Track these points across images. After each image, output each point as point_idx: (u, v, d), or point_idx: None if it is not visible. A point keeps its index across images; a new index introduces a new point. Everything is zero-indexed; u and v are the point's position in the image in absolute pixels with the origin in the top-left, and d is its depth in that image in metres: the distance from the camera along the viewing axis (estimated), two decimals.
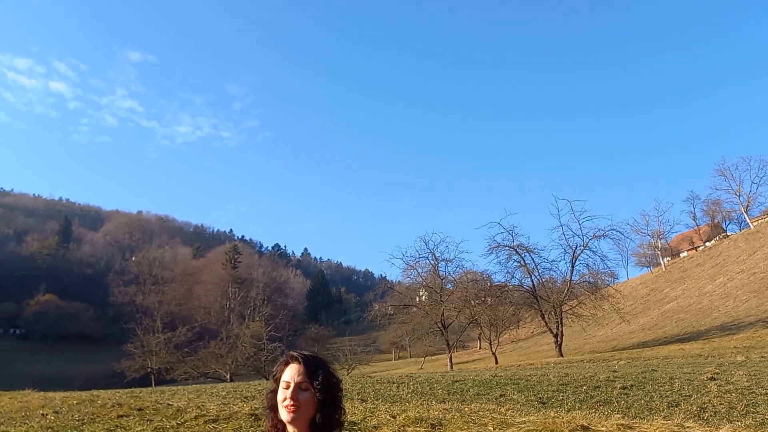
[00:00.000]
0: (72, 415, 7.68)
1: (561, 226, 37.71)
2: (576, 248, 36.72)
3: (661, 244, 79.23)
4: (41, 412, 8.14)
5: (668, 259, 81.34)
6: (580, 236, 36.90)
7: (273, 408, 2.48)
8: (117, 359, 49.01)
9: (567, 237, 37.52)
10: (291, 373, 2.44)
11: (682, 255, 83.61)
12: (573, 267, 36.74)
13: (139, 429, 6.39)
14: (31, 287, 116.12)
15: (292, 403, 2.37)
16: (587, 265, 37.15)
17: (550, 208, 72.24)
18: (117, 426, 6.69)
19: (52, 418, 7.62)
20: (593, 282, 36.86)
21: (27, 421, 7.45)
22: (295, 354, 2.52)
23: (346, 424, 2.53)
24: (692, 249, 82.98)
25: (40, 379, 12.25)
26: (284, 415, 2.39)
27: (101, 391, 12.50)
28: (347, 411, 2.58)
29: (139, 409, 7.71)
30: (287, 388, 2.41)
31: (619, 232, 37.28)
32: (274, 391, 2.50)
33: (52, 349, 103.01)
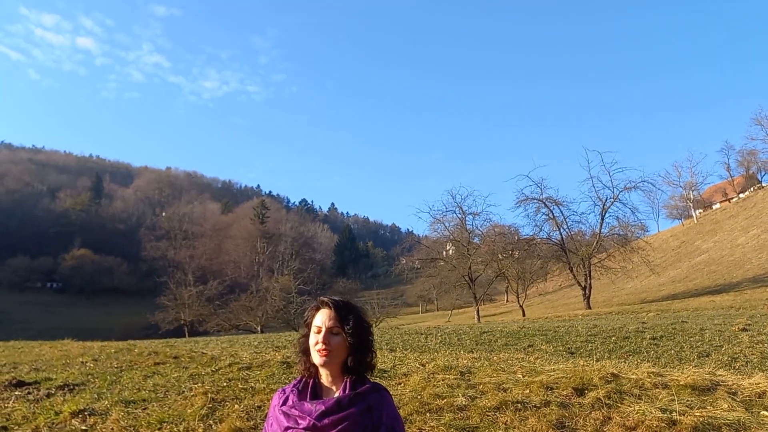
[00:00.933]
0: (110, 363, 7.93)
1: (591, 178, 37.16)
2: (606, 200, 36.24)
3: (694, 195, 77.63)
4: (81, 360, 8.43)
5: (700, 211, 79.82)
6: (611, 188, 36.34)
7: (305, 352, 2.50)
8: (151, 312, 50.37)
9: (597, 189, 37.01)
10: (322, 318, 2.45)
11: (714, 207, 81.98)
12: (602, 219, 36.34)
13: (175, 375, 6.57)
14: (66, 242, 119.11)
15: (324, 347, 2.38)
16: (617, 217, 36.70)
17: (580, 160, 70.92)
18: (154, 373, 6.89)
19: (92, 365, 7.88)
20: (623, 235, 36.45)
21: (68, 369, 7.71)
22: (325, 299, 2.53)
23: (376, 371, 2.55)
24: (725, 200, 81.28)
25: (79, 331, 12.67)
26: (316, 358, 2.41)
27: (137, 341, 12.86)
28: (375, 370, 2.60)
29: (175, 357, 7.93)
30: (319, 332, 2.42)
31: (651, 183, 36.60)
32: (306, 336, 2.51)
33: (89, 302, 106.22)
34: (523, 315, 36.32)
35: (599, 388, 4.43)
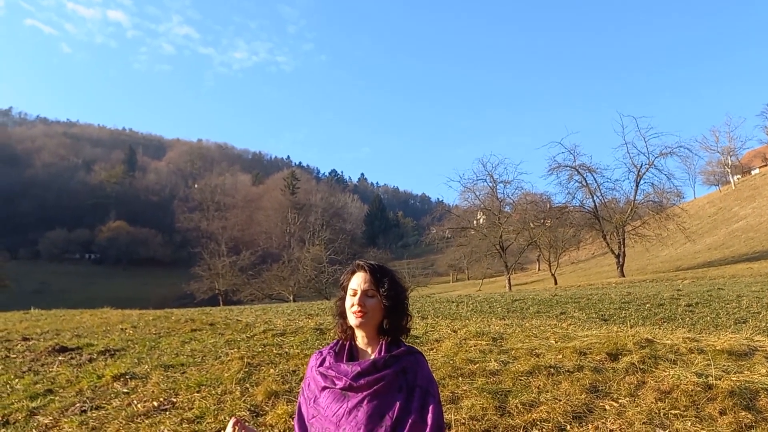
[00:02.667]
0: (149, 329, 8.14)
1: (626, 144, 36.42)
2: (641, 167, 35.53)
3: (731, 161, 75.55)
4: (120, 326, 8.67)
5: (738, 176, 77.71)
6: (646, 154, 35.58)
7: (342, 315, 2.53)
8: (186, 282, 51.43)
9: (632, 155, 36.26)
10: (358, 281, 2.47)
11: (753, 172, 79.67)
12: (637, 186, 35.69)
13: (211, 341, 6.72)
14: (102, 214, 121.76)
15: (359, 309, 2.41)
16: (652, 184, 35.99)
17: (615, 125, 69.54)
18: (191, 339, 7.06)
19: (131, 331, 8.11)
20: (658, 201, 35.78)
21: (108, 335, 7.94)
22: (361, 263, 2.54)
23: (408, 338, 2.57)
24: (765, 165, 78.90)
25: (116, 301, 13.06)
26: (352, 320, 2.44)
27: (174, 309, 13.16)
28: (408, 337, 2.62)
29: (211, 324, 8.11)
30: (354, 295, 2.45)
31: (687, 149, 35.66)
32: (342, 299, 2.54)
33: (125, 273, 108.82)
34: (555, 283, 36.09)
35: (633, 354, 4.40)
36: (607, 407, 3.48)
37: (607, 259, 47.99)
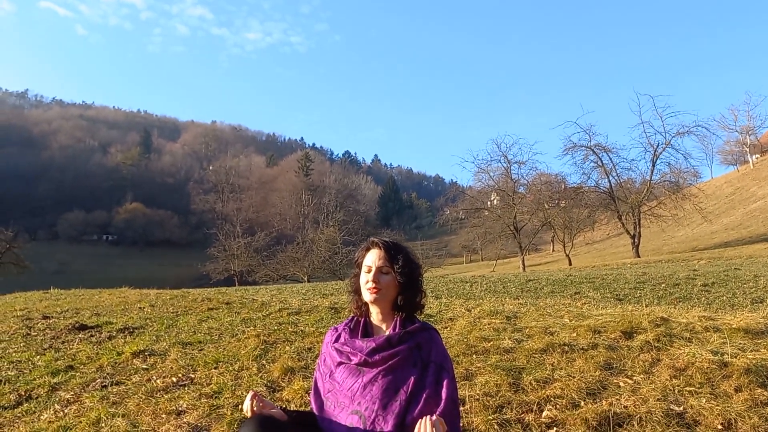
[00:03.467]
0: (166, 308, 8.26)
1: (642, 123, 36.10)
2: (657, 146, 35.22)
3: (750, 140, 74.38)
4: (139, 305, 8.79)
5: (757, 156, 76.53)
6: (663, 134, 35.25)
7: (357, 291, 2.56)
8: (202, 263, 51.90)
9: (648, 135, 35.95)
10: (372, 258, 2.50)
11: None
12: (654, 166, 35.40)
13: (228, 320, 6.81)
14: (119, 196, 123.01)
15: (374, 285, 2.43)
16: (669, 163, 35.69)
17: (631, 104, 68.66)
18: (208, 317, 7.15)
19: (149, 310, 8.22)
20: (675, 181, 35.46)
21: (126, 313, 8.06)
22: (375, 240, 2.57)
23: (421, 317, 2.59)
24: None
25: (134, 281, 13.27)
26: (367, 296, 2.46)
27: (191, 289, 13.31)
28: (422, 313, 2.64)
29: (227, 303, 8.20)
30: (369, 272, 2.47)
31: (705, 128, 35.24)
32: (357, 276, 2.57)
33: (142, 254, 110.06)
34: (570, 264, 36.00)
35: (648, 332, 4.40)
36: (621, 384, 3.49)
37: (622, 240, 47.69)
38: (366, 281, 2.46)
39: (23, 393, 4.54)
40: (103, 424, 3.59)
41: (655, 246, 42.79)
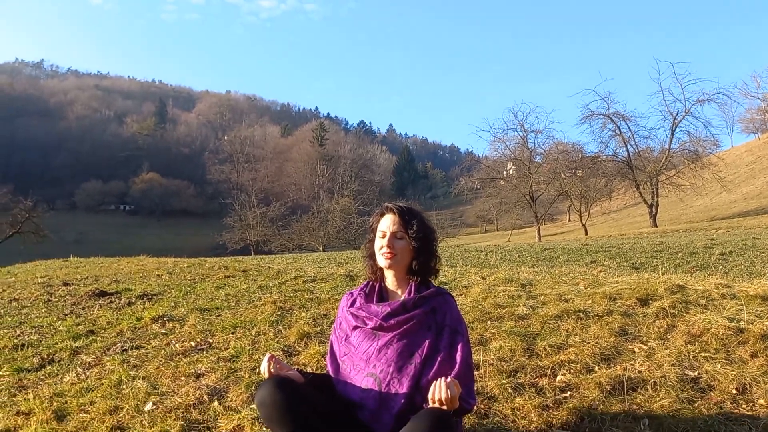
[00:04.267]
0: (184, 276, 8.36)
1: (662, 90, 35.49)
2: (677, 114, 34.63)
3: None
4: (157, 273, 8.91)
5: None
6: (682, 101, 34.62)
7: (371, 257, 2.58)
8: (218, 232, 52.42)
9: (668, 103, 35.32)
10: (387, 223, 2.50)
11: None
12: (672, 135, 34.86)
13: (245, 287, 6.88)
14: (135, 166, 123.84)
15: (388, 250, 2.44)
16: (688, 132, 35.12)
17: (651, 72, 67.26)
18: (225, 284, 7.23)
19: (167, 277, 8.33)
20: (694, 150, 34.92)
21: (145, 281, 8.18)
22: (390, 205, 2.57)
23: (436, 283, 2.60)
24: None
25: (151, 251, 13.43)
26: (382, 261, 2.48)
27: (208, 258, 13.45)
28: (437, 278, 2.65)
29: (243, 271, 8.28)
30: (383, 237, 2.48)
31: (726, 95, 34.54)
32: (372, 241, 2.58)
33: (159, 224, 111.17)
34: (586, 234, 35.83)
35: (664, 299, 4.38)
36: (635, 350, 3.50)
37: (639, 210, 47.27)
38: (380, 246, 2.47)
39: (46, 356, 4.65)
40: (124, 386, 3.67)
41: (672, 215, 42.40)
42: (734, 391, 2.85)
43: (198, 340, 4.61)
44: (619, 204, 57.24)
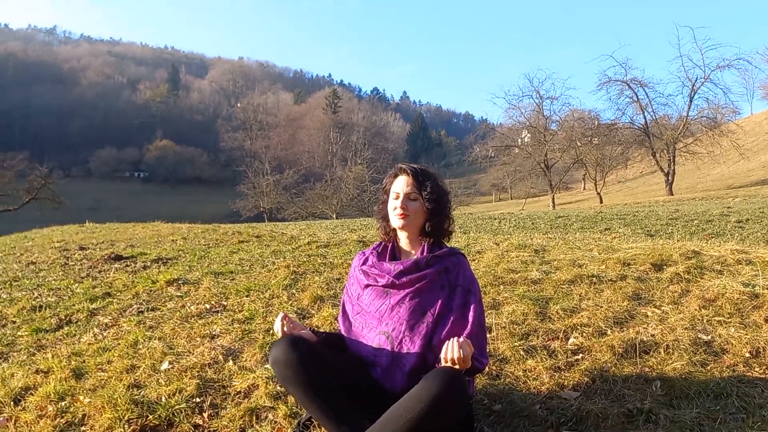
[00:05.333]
0: (198, 241, 8.42)
1: (681, 56, 34.77)
2: (696, 81, 33.98)
3: None
4: (171, 238, 8.99)
5: None
6: (702, 67, 33.91)
7: (385, 218, 2.57)
8: (232, 200, 52.59)
9: (686, 69, 34.63)
10: (400, 184, 2.49)
11: None
12: (691, 101, 34.26)
13: (258, 252, 6.92)
14: (149, 133, 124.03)
15: (402, 211, 2.44)
16: (707, 99, 34.47)
17: (670, 37, 66.04)
18: (239, 249, 7.28)
19: (181, 242, 8.40)
20: (712, 117, 34.32)
21: (159, 245, 8.26)
22: (403, 166, 2.55)
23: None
24: None
25: (167, 218, 13.51)
26: (395, 221, 2.47)
27: (222, 224, 13.53)
28: (450, 241, 2.64)
29: (257, 236, 8.33)
30: (397, 198, 2.47)
31: (747, 61, 33.73)
32: (385, 202, 2.57)
33: (174, 191, 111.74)
34: (601, 202, 35.60)
35: (679, 264, 4.36)
36: (649, 314, 3.49)
37: (655, 178, 46.79)
38: (394, 207, 2.46)
39: (63, 317, 4.73)
40: (140, 346, 3.73)
41: (689, 184, 41.94)
42: (747, 355, 2.84)
43: (212, 302, 4.66)
44: (635, 172, 56.64)
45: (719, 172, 45.19)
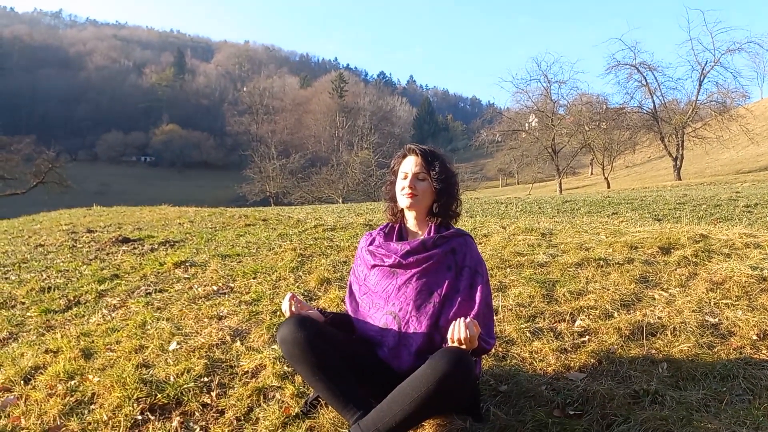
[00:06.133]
0: (205, 224, 8.45)
1: (690, 40, 34.45)
2: (705, 64, 33.62)
3: None
4: (178, 221, 9.02)
5: None
6: (712, 51, 33.57)
7: (392, 198, 2.57)
8: (239, 184, 52.66)
9: (696, 52, 34.34)
10: (409, 164, 2.49)
11: None
12: (700, 86, 33.90)
13: (265, 235, 6.94)
14: (155, 118, 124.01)
15: (410, 191, 2.43)
16: (717, 83, 34.10)
17: (680, 20, 65.23)
18: (245, 232, 7.30)
19: (188, 225, 8.43)
20: (722, 102, 33.99)
21: (167, 228, 8.29)
22: (412, 146, 2.55)
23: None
24: None
25: (173, 202, 13.58)
26: (403, 201, 2.46)
27: (228, 208, 13.57)
28: (457, 223, 2.63)
29: (264, 220, 8.35)
30: (405, 178, 2.46)
31: (758, 44, 33.26)
32: (393, 183, 2.57)
33: (180, 176, 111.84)
34: (608, 187, 35.42)
35: (686, 248, 4.34)
36: (656, 296, 3.48)
37: (663, 163, 46.47)
38: (402, 187, 2.46)
39: (72, 298, 4.76)
40: (148, 327, 3.75)
41: (697, 169, 41.65)
42: (755, 337, 2.84)
43: (220, 284, 4.69)
44: (643, 157, 56.30)
45: (728, 157, 44.85)
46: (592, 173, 65.22)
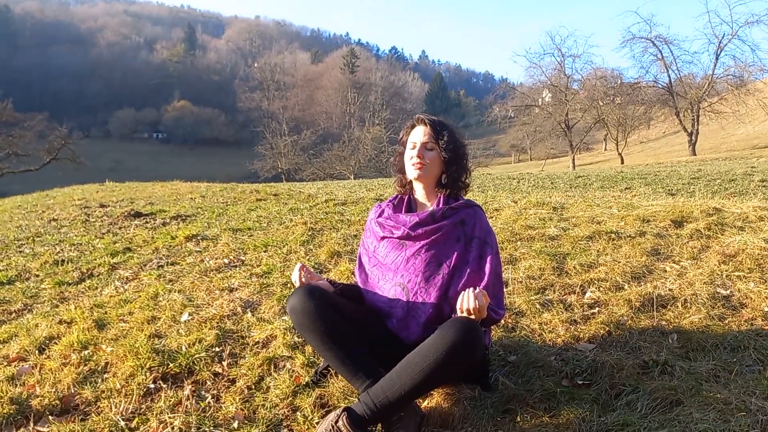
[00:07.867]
0: (216, 199, 8.49)
1: (707, 12, 33.94)
2: (722, 38, 32.95)
3: None
4: (190, 196, 9.07)
5: None
6: (729, 23, 32.90)
7: (401, 170, 2.55)
8: (250, 161, 52.69)
9: (713, 25, 33.70)
10: (417, 135, 2.47)
11: None
12: (717, 59, 33.28)
13: (276, 209, 6.96)
14: (166, 94, 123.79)
15: (418, 160, 2.41)
16: (734, 56, 33.47)
17: None
18: (257, 207, 7.33)
19: (200, 200, 8.48)
20: (739, 76, 33.38)
21: (178, 203, 8.33)
22: (421, 116, 2.53)
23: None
24: None
25: (185, 178, 13.66)
26: (411, 172, 2.45)
27: (240, 183, 13.61)
28: (467, 195, 2.62)
29: (275, 195, 8.37)
30: (413, 148, 2.45)
31: None
32: (401, 154, 2.55)
33: (192, 153, 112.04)
34: (622, 163, 35.09)
35: (699, 221, 4.31)
36: (667, 269, 3.46)
37: (678, 138, 45.93)
38: (410, 157, 2.44)
39: (85, 271, 4.82)
40: (161, 298, 3.79)
41: (713, 144, 41.12)
42: (766, 309, 2.82)
43: (231, 257, 4.72)
44: (658, 133, 55.65)
45: (744, 132, 44.19)
46: (605, 149, 64.53)
